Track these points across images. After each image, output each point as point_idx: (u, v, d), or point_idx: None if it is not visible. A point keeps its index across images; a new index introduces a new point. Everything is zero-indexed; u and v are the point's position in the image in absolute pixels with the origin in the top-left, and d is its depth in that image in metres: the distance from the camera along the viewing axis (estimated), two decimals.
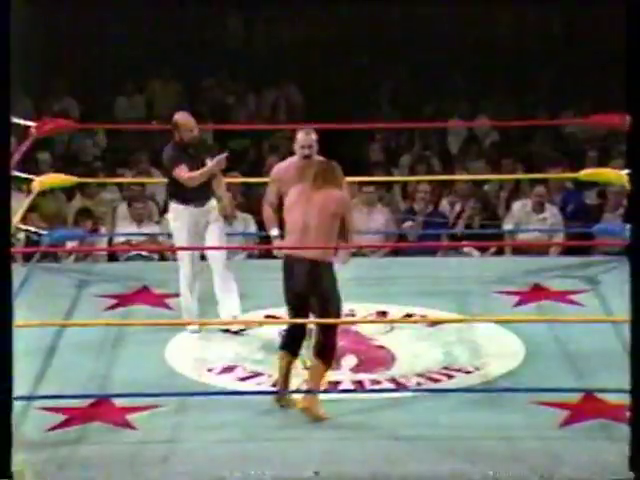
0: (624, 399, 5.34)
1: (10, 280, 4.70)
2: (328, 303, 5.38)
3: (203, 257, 6.46)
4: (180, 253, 6.35)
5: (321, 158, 5.80)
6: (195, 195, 6.30)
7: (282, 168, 6.03)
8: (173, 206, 6.35)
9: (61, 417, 5.34)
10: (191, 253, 6.27)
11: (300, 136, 5.88)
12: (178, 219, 6.34)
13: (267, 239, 8.43)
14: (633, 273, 4.28)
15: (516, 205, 8.60)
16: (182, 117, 6.37)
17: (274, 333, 6.28)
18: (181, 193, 6.32)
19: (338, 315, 5.43)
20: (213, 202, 6.39)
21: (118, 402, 5.45)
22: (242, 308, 6.46)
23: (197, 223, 6.33)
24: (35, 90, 10.74)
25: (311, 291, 5.39)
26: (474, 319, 6.34)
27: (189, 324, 6.33)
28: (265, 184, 9.46)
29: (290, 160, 6.04)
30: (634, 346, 4.30)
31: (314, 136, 5.89)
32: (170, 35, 11.78)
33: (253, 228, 8.65)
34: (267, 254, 8.38)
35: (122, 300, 6.81)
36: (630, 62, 4.26)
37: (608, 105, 8.37)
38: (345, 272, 5.52)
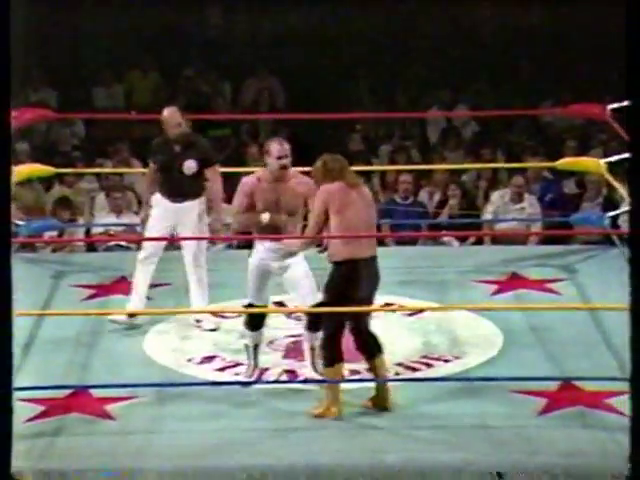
0: (601, 387, 5.38)
1: (10, 271, 4.66)
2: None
3: (178, 247, 6.47)
4: (148, 227, 6.35)
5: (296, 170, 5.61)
6: (171, 190, 6.30)
7: (253, 182, 5.67)
8: (156, 195, 6.37)
9: (39, 408, 5.32)
10: (157, 232, 6.25)
11: (274, 147, 5.58)
12: (155, 208, 6.37)
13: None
14: (633, 261, 4.29)
15: (495, 195, 8.62)
16: (167, 112, 6.35)
17: None
18: (160, 185, 6.36)
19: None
20: (195, 204, 6.33)
21: (96, 393, 5.44)
22: (222, 298, 6.46)
23: (169, 218, 6.32)
24: (12, 81, 10.65)
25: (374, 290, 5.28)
26: (453, 307, 6.35)
27: (168, 313, 6.32)
28: (246, 173, 9.36)
29: (259, 174, 5.68)
30: (634, 335, 4.31)
31: (287, 146, 5.64)
32: (149, 25, 11.73)
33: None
34: (246, 245, 8.39)
35: (100, 290, 6.80)
36: (630, 56, 4.24)
37: (587, 95, 8.40)
38: (323, 262, 5.52)
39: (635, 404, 4.29)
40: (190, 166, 6.28)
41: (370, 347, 5.33)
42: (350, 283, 5.18)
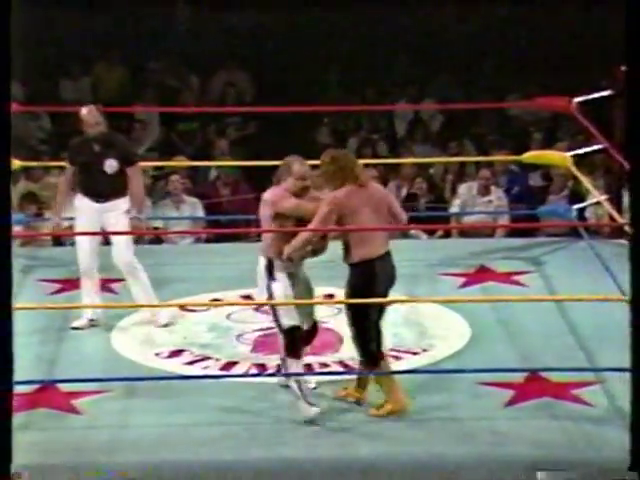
0: (568, 378, 5.42)
1: (10, 265, 4.63)
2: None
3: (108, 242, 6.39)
4: (77, 240, 6.28)
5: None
6: (94, 190, 6.23)
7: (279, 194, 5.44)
8: (77, 199, 6.30)
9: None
10: (88, 244, 6.19)
11: (297, 167, 5.36)
12: (78, 215, 6.29)
13: (215, 223, 8.47)
14: (632, 254, 4.31)
15: (462, 188, 8.66)
16: (85, 111, 6.28)
17: (221, 317, 6.28)
18: (82, 186, 6.28)
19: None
20: (119, 202, 6.24)
21: (64, 387, 5.41)
22: (189, 292, 6.44)
23: (94, 220, 6.24)
24: None
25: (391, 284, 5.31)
26: (420, 300, 6.37)
27: (136, 307, 6.29)
28: (212, 168, 9.37)
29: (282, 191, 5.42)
30: (634, 326, 4.34)
31: (307, 166, 5.42)
32: (116, 18, 11.67)
33: (201, 212, 8.63)
34: (213, 239, 8.40)
35: (67, 285, 6.77)
36: (629, 50, 4.25)
37: (553, 88, 8.44)
38: None
39: (635, 394, 4.32)
40: (111, 165, 6.20)
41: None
42: (367, 281, 5.21)
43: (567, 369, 5.45)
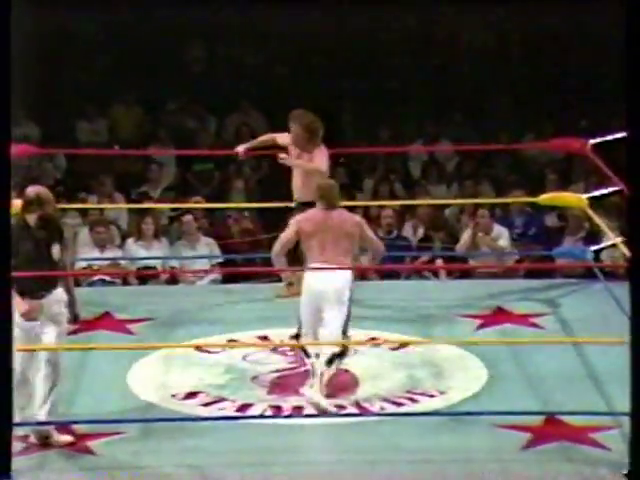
0: (586, 421, 5.38)
1: (10, 290, 4.61)
2: None
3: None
4: None
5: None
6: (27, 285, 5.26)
7: None
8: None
9: (21, 444, 5.28)
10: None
11: None
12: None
13: (230, 263, 8.49)
14: (633, 294, 4.30)
15: (467, 232, 8.60)
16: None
17: (237, 358, 6.27)
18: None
19: None
20: (56, 294, 5.36)
21: (79, 428, 5.40)
22: (205, 333, 6.46)
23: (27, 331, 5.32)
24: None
25: None
26: (437, 342, 6.35)
27: (151, 348, 6.29)
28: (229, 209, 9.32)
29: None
30: (634, 368, 4.33)
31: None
32: (132, 59, 11.76)
33: (217, 252, 8.64)
34: (230, 279, 8.40)
35: (84, 325, 6.76)
36: (629, 73, 4.27)
37: (568, 129, 8.46)
38: None
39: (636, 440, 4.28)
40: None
41: None
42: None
43: (586, 412, 5.41)
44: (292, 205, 6.75)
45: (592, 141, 7.44)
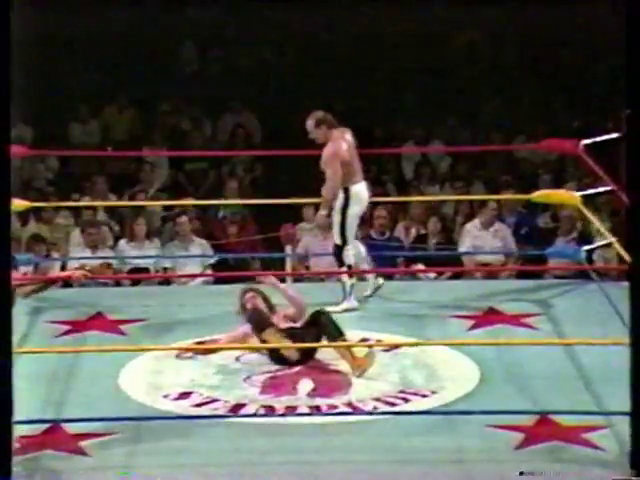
0: (578, 421, 5.38)
1: (10, 302, 4.59)
2: None
3: None
4: None
5: None
6: None
7: None
8: None
9: (13, 445, 5.26)
10: None
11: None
12: None
13: (223, 265, 8.51)
14: (633, 296, 4.30)
15: (468, 226, 8.66)
16: None
17: (229, 359, 6.27)
18: None
19: None
20: None
21: (71, 429, 5.39)
22: (198, 334, 6.45)
23: None
24: None
25: None
26: (429, 343, 6.35)
27: (144, 350, 6.29)
28: (220, 208, 9.31)
29: None
30: (635, 369, 4.32)
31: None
32: (125, 61, 11.76)
33: (209, 253, 8.64)
34: (222, 280, 8.40)
35: (76, 326, 6.76)
36: (630, 72, 4.27)
37: (561, 130, 8.47)
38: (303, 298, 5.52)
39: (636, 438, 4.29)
40: None
41: None
42: None
43: (577, 412, 5.42)
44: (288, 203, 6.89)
45: (584, 142, 7.45)
